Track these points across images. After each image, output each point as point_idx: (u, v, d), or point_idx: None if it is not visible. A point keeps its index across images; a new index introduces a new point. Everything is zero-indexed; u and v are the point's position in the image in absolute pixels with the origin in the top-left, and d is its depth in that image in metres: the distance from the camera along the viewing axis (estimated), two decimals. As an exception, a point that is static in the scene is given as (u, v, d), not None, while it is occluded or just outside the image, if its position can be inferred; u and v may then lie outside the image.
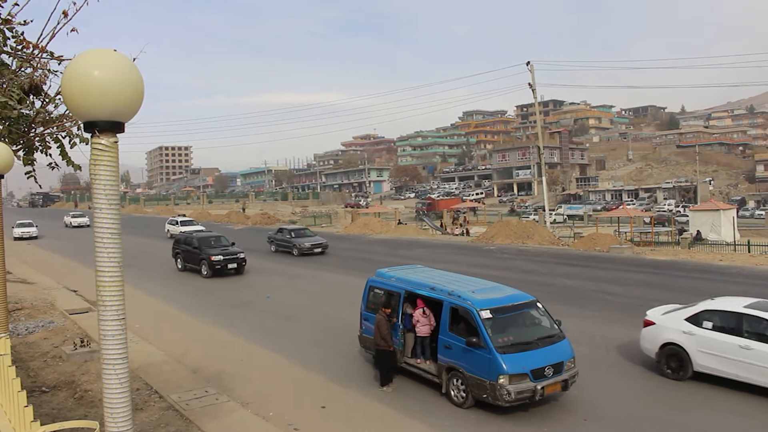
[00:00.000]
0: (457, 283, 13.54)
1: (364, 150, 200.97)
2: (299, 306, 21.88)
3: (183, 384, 13.10)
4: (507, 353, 11.16)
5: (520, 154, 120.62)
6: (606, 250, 34.33)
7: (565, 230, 52.47)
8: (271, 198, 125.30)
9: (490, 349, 11.15)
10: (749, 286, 23.24)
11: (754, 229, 56.71)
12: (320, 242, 37.20)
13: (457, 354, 11.84)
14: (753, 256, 31.80)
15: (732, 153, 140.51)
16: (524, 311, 12.47)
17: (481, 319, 11.49)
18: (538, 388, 11.05)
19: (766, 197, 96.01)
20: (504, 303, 12.21)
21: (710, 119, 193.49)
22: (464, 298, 12.14)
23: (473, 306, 11.78)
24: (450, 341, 12.05)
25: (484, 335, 11.28)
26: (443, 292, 12.66)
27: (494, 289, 13.10)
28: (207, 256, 28.45)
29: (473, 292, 12.48)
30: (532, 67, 45.62)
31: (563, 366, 11.59)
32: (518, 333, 11.89)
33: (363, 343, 14.72)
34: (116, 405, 3.51)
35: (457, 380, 11.90)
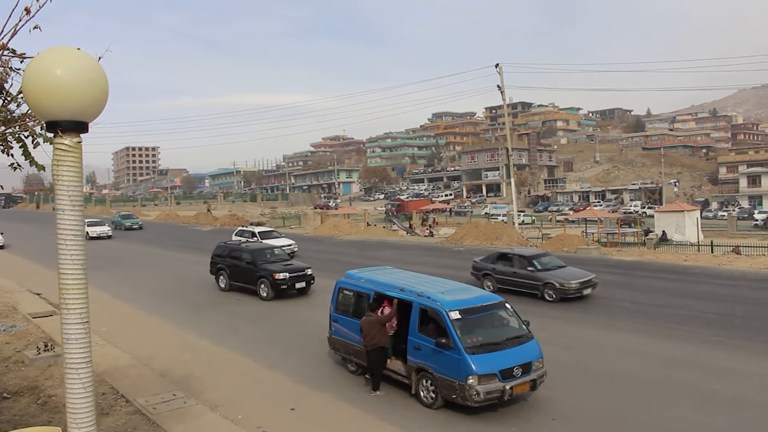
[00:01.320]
0: (426, 284, 13.51)
1: (333, 151, 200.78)
2: (268, 308, 21.73)
3: (150, 387, 12.92)
4: (476, 354, 11.18)
5: (489, 156, 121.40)
6: (574, 250, 34.66)
7: (533, 231, 52.89)
8: (240, 199, 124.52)
9: (459, 349, 11.15)
10: (713, 286, 23.65)
11: (717, 230, 57.75)
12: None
13: (426, 355, 11.81)
14: (716, 256, 32.35)
15: (696, 155, 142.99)
16: (493, 312, 12.49)
17: (450, 320, 11.49)
18: (507, 388, 11.08)
19: (728, 199, 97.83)
20: (473, 304, 12.23)
21: (675, 122, 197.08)
22: (433, 299, 12.13)
23: (442, 307, 11.78)
24: (419, 342, 12.02)
25: (453, 336, 11.28)
26: (412, 293, 12.64)
27: (463, 290, 13.12)
28: (268, 274, 22.76)
29: (442, 293, 12.49)
30: (501, 70, 45.92)
31: (532, 366, 11.63)
32: (487, 333, 11.90)
33: (332, 344, 14.60)
34: (80, 410, 3.43)
35: (427, 381, 11.86)
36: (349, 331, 13.80)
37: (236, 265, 24.54)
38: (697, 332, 17.06)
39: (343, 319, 14.17)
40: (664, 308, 20.06)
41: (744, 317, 18.56)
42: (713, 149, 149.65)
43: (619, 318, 18.93)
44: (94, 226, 49.76)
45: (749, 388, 12.61)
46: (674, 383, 12.98)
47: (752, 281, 24.48)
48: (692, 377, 13.33)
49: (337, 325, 14.30)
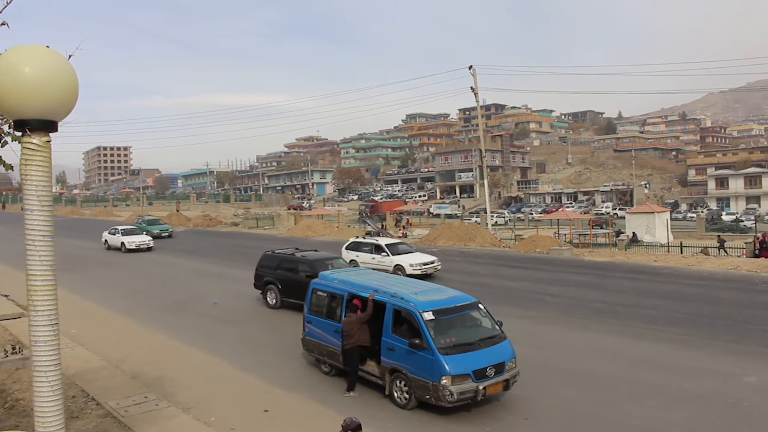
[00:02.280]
0: (399, 285, 13.53)
1: (307, 152, 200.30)
2: (241, 309, 21.62)
3: (121, 390, 12.79)
4: (449, 354, 11.22)
5: (463, 157, 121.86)
6: (546, 251, 34.94)
7: (506, 232, 53.22)
8: (213, 200, 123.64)
9: (432, 350, 11.18)
10: (682, 286, 23.99)
11: (686, 231, 58.59)
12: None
13: (400, 355, 11.83)
14: (685, 256, 32.79)
15: (666, 158, 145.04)
16: (466, 312, 12.53)
17: (424, 321, 11.52)
18: (480, 389, 11.14)
19: (697, 200, 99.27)
20: (446, 304, 12.25)
21: (645, 125, 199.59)
22: (407, 299, 12.13)
23: (416, 308, 11.79)
24: (393, 343, 12.03)
25: (427, 337, 11.31)
26: (386, 294, 12.61)
27: (436, 291, 13.15)
28: None
29: (416, 293, 12.50)
30: (475, 71, 46.14)
31: (505, 366, 11.70)
32: (460, 334, 11.94)
33: (306, 346, 14.56)
34: (48, 413, 3.39)
35: (401, 382, 11.89)
36: (323, 332, 13.75)
37: (290, 278, 21.02)
38: (665, 331, 17.30)
39: (316, 320, 14.08)
40: (634, 308, 20.31)
41: (711, 316, 18.86)
42: (683, 152, 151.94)
43: (590, 318, 19.12)
44: (130, 236, 40.31)
45: (715, 386, 12.83)
46: (642, 381, 13.16)
47: (720, 281, 24.88)
48: (660, 375, 13.50)
49: (311, 326, 14.22)
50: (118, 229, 41.23)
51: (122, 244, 39.56)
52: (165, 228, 49.56)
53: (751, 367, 13.90)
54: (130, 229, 42.11)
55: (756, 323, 17.90)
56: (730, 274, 26.21)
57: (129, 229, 41.65)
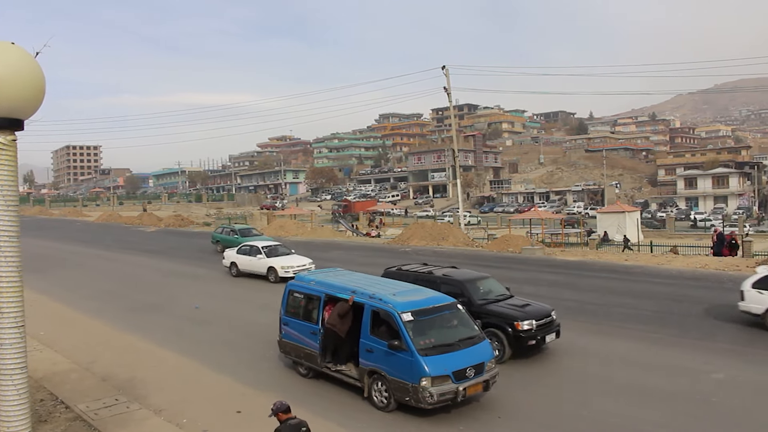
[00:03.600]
0: (377, 285, 13.41)
1: (280, 151, 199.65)
2: (214, 310, 21.41)
3: (91, 393, 12.62)
4: (429, 355, 11.16)
5: (436, 157, 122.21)
6: (518, 251, 35.12)
7: (479, 232, 53.47)
8: (185, 199, 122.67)
9: (412, 351, 11.12)
10: (652, 285, 24.26)
11: (655, 231, 59.38)
12: None
13: (378, 357, 11.74)
14: (655, 255, 33.19)
15: (636, 158, 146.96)
16: (445, 313, 12.41)
17: (403, 322, 11.45)
18: (460, 390, 11.10)
19: (667, 200, 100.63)
20: (425, 305, 12.17)
21: (616, 125, 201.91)
22: (385, 300, 12.05)
23: (394, 309, 11.72)
24: (371, 344, 11.93)
25: (406, 338, 11.25)
26: (364, 295, 12.50)
27: (415, 292, 13.01)
28: (504, 321, 14.77)
29: (394, 294, 12.40)
30: (447, 71, 46.25)
31: (484, 367, 11.68)
32: (439, 335, 11.87)
33: (283, 348, 14.39)
34: (14, 417, 3.33)
35: (380, 384, 11.80)
36: (300, 334, 13.63)
37: None
38: (636, 329, 17.49)
39: (293, 322, 13.93)
40: (606, 306, 20.50)
41: (680, 314, 19.09)
42: (652, 152, 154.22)
43: (562, 317, 19.18)
44: (280, 258, 27.14)
45: (686, 383, 12.99)
46: (615, 379, 13.30)
47: (688, 280, 25.20)
48: (632, 373, 13.65)
49: (288, 328, 14.06)
50: (259, 248, 27.50)
51: (271, 271, 26.44)
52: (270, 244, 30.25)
53: (719, 364, 14.11)
54: (274, 247, 28.22)
55: (722, 320, 18.17)
56: (698, 273, 26.56)
57: (273, 248, 27.95)
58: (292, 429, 7.91)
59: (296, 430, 7.92)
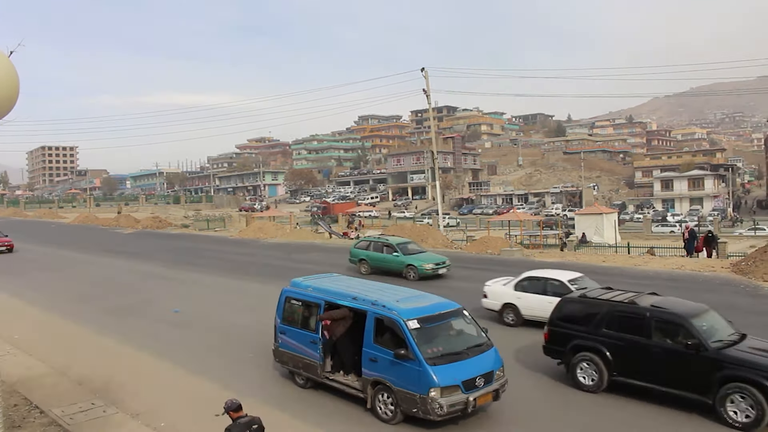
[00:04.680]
0: (379, 292, 12.93)
1: (259, 153, 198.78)
2: (193, 312, 21.24)
3: (67, 397, 12.48)
4: (437, 365, 10.74)
5: (415, 159, 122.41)
6: (497, 252, 35.24)
7: (458, 233, 53.59)
8: (163, 201, 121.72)
9: (419, 361, 10.68)
10: (629, 286, 24.37)
11: (633, 232, 59.98)
12: None
13: (383, 367, 11.26)
14: (632, 257, 33.47)
15: (614, 160, 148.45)
16: (451, 320, 12.05)
17: (409, 330, 11.01)
18: (471, 400, 10.74)
19: (644, 202, 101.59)
20: (431, 312, 11.74)
21: (594, 128, 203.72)
22: (389, 307, 11.58)
23: (399, 316, 11.27)
24: (375, 354, 11.44)
25: (413, 347, 10.80)
26: (366, 302, 12.03)
27: (419, 298, 12.58)
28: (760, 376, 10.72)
29: (398, 301, 11.94)
30: (427, 74, 46.33)
31: (493, 375, 11.36)
32: (447, 343, 11.48)
33: (279, 357, 13.81)
34: (-11, 424, 3.26)
35: (385, 395, 11.32)
36: (299, 343, 13.10)
37: (635, 345, 12.14)
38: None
39: (291, 330, 13.35)
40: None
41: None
42: (630, 154, 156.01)
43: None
44: None
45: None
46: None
47: (665, 280, 25.43)
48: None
49: (285, 337, 13.46)
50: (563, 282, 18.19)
51: None
52: (440, 262, 27.42)
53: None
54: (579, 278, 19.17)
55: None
56: (675, 274, 26.83)
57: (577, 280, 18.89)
58: (243, 427, 8.16)
59: (247, 427, 8.20)
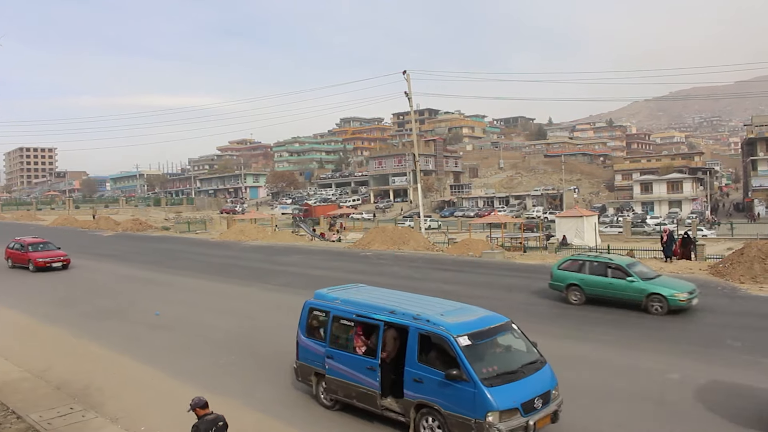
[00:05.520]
0: (418, 304, 11.88)
1: (240, 155, 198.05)
2: (174, 315, 21.11)
3: (44, 402, 12.34)
4: (493, 386, 9.73)
5: (396, 162, 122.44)
6: (478, 255, 35.36)
7: (439, 236, 53.69)
8: (143, 203, 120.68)
9: (474, 382, 9.67)
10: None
11: (613, 234, 60.37)
12: None
13: (430, 389, 10.23)
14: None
15: (594, 163, 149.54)
16: (501, 335, 11.09)
17: (460, 347, 9.99)
18: (531, 424, 9.85)
19: (623, 204, 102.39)
20: (480, 327, 10.73)
21: (574, 131, 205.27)
22: (435, 322, 10.56)
23: (448, 332, 10.25)
24: (420, 374, 10.40)
25: (466, 366, 9.79)
26: (407, 317, 10.97)
27: (464, 311, 11.54)
28: None
29: (442, 314, 10.94)
30: (409, 76, 46.42)
31: (551, 395, 10.47)
32: (500, 361, 10.57)
33: (301, 374, 12.89)
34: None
35: (430, 419, 10.33)
36: (352, 369, 11.62)
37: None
38: (595, 332, 17.76)
39: (342, 355, 11.86)
40: (563, 310, 20.74)
41: (635, 316, 19.40)
42: (610, 157, 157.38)
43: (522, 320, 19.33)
44: None
45: (645, 384, 13.17)
46: (573, 380, 13.39)
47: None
48: (590, 374, 13.84)
49: (334, 362, 11.96)
50: None
51: None
52: (691, 289, 20.04)
53: (677, 366, 14.34)
54: None
55: (675, 321, 18.55)
56: (654, 276, 27.05)
57: None
58: (209, 424, 8.27)
59: (213, 424, 8.29)
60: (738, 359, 14.92)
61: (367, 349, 11.51)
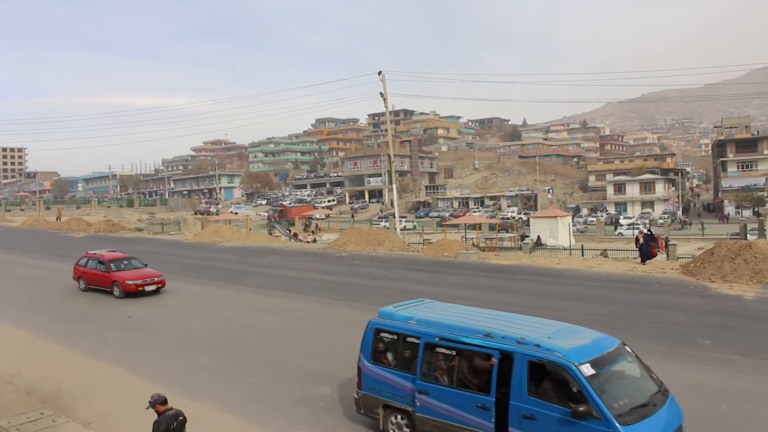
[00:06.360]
0: (513, 324, 10.20)
1: (214, 156, 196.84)
2: (147, 318, 20.91)
3: (13, 407, 12.14)
4: (629, 423, 8.24)
5: (372, 162, 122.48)
6: (453, 255, 35.44)
7: (414, 237, 53.76)
8: (116, 204, 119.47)
9: (608, 420, 8.16)
10: (583, 288, 24.83)
11: (587, 235, 60.94)
12: None
13: (547, 427, 8.72)
14: (586, 259, 33.97)
15: (568, 164, 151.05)
16: (621, 360, 9.45)
17: (585, 378, 8.48)
18: None
19: (597, 205, 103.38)
20: (599, 352, 9.16)
21: (549, 132, 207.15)
22: (547, 347, 8.99)
23: (567, 359, 8.71)
24: (533, 409, 8.87)
25: (596, 401, 8.28)
26: (509, 340, 9.35)
27: (571, 333, 9.87)
28: None
29: (549, 338, 9.34)
30: (384, 77, 46.47)
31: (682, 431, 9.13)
32: (627, 392, 9.01)
33: (364, 405, 11.14)
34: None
35: None
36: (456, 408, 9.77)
37: None
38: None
39: (440, 390, 9.98)
40: (539, 310, 20.80)
41: (610, 316, 19.60)
42: (583, 158, 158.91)
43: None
44: None
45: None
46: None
47: (617, 282, 25.89)
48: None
49: (428, 398, 10.09)
50: None
51: None
52: None
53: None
54: None
55: (650, 321, 18.75)
56: (627, 276, 27.32)
57: None
58: (170, 419, 8.38)
59: (174, 419, 8.42)
60: (709, 357, 15.12)
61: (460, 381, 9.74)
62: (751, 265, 24.76)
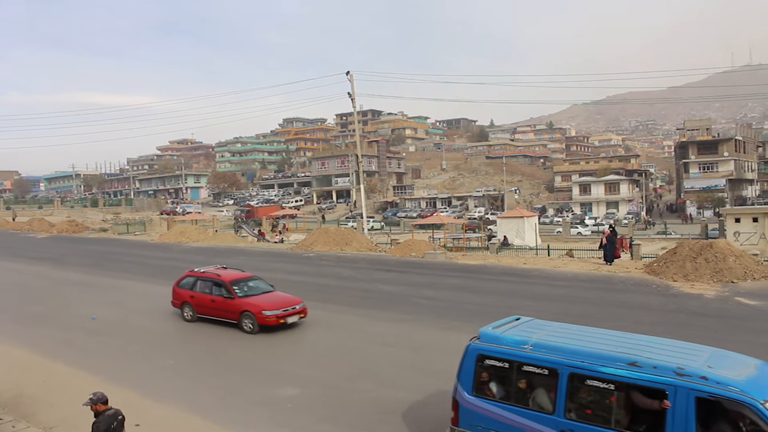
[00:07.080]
0: (646, 348, 8.62)
1: (181, 155, 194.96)
2: (112, 319, 20.59)
3: (-28, 411, 11.87)
4: None
5: (339, 162, 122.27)
6: (421, 255, 35.55)
7: (382, 237, 53.79)
8: (80, 204, 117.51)
9: None
10: (550, 287, 25.08)
11: (552, 235, 61.55)
12: None
13: None
14: (552, 259, 34.33)
15: (534, 165, 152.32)
16: None
17: None
18: None
19: (563, 205, 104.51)
20: None
21: (516, 133, 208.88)
22: (717, 380, 7.50)
23: (749, 395, 7.25)
24: None
25: None
26: (665, 371, 7.83)
27: (727, 360, 8.39)
28: None
29: (709, 366, 7.89)
30: (352, 77, 46.46)
31: None
32: None
33: None
34: None
35: None
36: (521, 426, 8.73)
37: None
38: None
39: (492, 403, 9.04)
40: (506, 309, 20.88)
41: (576, 315, 19.76)
42: (550, 159, 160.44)
43: (463, 320, 19.55)
44: None
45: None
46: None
47: (583, 282, 26.21)
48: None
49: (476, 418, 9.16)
50: None
51: None
52: None
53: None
54: None
55: (613, 320, 18.99)
56: (592, 275, 27.66)
57: None
58: (109, 419, 8.28)
59: (113, 419, 8.29)
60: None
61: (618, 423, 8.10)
62: (712, 265, 25.29)
